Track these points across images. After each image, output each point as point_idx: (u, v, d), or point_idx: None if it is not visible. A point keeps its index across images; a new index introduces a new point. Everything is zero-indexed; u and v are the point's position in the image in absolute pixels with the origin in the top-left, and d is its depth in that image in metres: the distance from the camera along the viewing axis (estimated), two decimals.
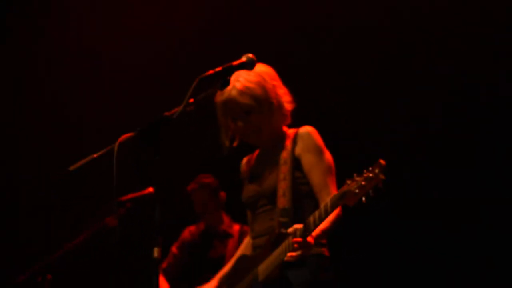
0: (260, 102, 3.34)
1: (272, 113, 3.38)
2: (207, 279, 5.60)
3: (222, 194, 5.82)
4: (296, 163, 3.35)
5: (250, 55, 2.97)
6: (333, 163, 3.37)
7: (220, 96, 3.39)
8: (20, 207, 6.40)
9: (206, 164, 6.19)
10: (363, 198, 2.77)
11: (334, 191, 3.24)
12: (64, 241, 4.76)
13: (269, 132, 3.43)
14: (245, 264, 3.49)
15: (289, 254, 3.09)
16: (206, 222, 5.84)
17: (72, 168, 2.71)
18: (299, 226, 3.07)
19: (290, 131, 3.48)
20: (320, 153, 3.33)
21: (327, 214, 2.97)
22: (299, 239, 3.03)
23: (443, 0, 5.52)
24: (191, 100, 2.71)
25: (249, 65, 2.95)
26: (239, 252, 3.77)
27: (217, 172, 5.89)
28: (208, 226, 5.84)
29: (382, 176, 2.71)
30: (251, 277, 3.36)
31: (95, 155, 2.70)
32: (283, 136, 3.46)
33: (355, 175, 2.82)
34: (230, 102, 3.37)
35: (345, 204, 2.89)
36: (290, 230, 3.10)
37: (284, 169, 3.34)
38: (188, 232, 5.89)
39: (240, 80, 3.35)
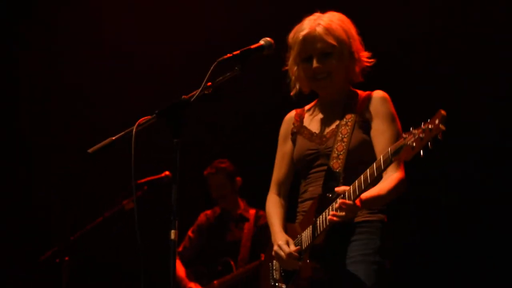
0: (342, 46, 3.13)
1: (350, 61, 3.16)
2: (223, 263, 5.66)
3: (238, 179, 5.83)
4: (364, 126, 3.12)
5: (268, 39, 2.96)
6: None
7: (300, 32, 3.16)
8: (40, 188, 6.44)
9: (222, 149, 6.22)
10: (421, 152, 2.58)
11: (400, 162, 3.02)
12: (81, 223, 4.81)
13: (340, 82, 3.20)
14: (290, 232, 3.22)
15: (332, 213, 2.88)
16: (222, 207, 5.86)
17: (90, 150, 2.70)
18: (347, 187, 2.88)
19: (360, 92, 3.24)
20: (391, 120, 3.11)
21: (379, 171, 2.78)
22: (349, 202, 2.84)
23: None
24: (209, 83, 2.71)
25: (267, 49, 2.94)
26: (275, 211, 3.35)
27: (233, 157, 5.91)
28: (224, 210, 5.86)
29: (442, 127, 2.52)
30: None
31: (113, 138, 2.70)
32: (351, 95, 3.24)
33: (412, 128, 2.65)
34: (313, 39, 3.13)
35: (400, 160, 2.70)
36: (337, 189, 2.91)
37: (344, 130, 3.12)
38: (204, 216, 5.91)
39: (324, 19, 3.15)
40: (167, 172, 4.80)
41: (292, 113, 3.41)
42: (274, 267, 3.26)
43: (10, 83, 6.52)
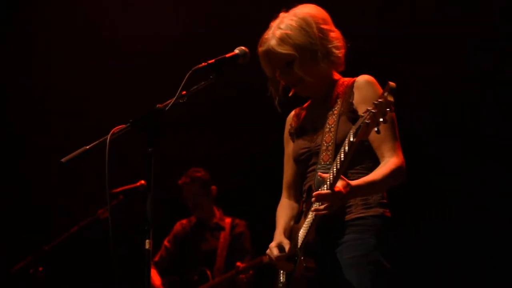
0: (302, 51, 3.00)
1: (316, 62, 3.02)
2: (199, 272, 5.66)
3: (214, 187, 5.84)
4: (351, 116, 2.95)
5: (243, 48, 2.96)
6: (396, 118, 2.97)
7: (259, 47, 3.08)
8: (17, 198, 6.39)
9: (198, 158, 6.22)
10: (376, 128, 2.49)
11: (397, 147, 2.91)
12: (57, 232, 4.78)
13: (316, 82, 3.07)
14: (292, 234, 3.12)
15: (313, 207, 2.76)
16: (198, 216, 5.86)
17: (64, 160, 2.68)
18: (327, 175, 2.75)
19: (345, 80, 3.11)
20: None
21: (347, 156, 2.65)
22: (324, 192, 2.69)
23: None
24: (184, 92, 2.71)
25: (242, 57, 2.95)
26: (281, 214, 3.26)
27: (209, 166, 5.91)
28: (200, 219, 5.86)
29: (391, 98, 2.42)
30: (292, 246, 3.06)
31: (87, 147, 2.68)
32: (336, 84, 3.10)
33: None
34: (270, 54, 3.04)
35: (362, 140, 2.58)
36: (321, 175, 2.77)
37: (331, 121, 3.00)
38: (180, 225, 5.91)
39: (281, 26, 3.03)
40: (142, 181, 4.78)
41: (292, 113, 3.32)
42: (281, 271, 3.18)
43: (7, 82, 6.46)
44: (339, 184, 2.71)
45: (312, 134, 3.12)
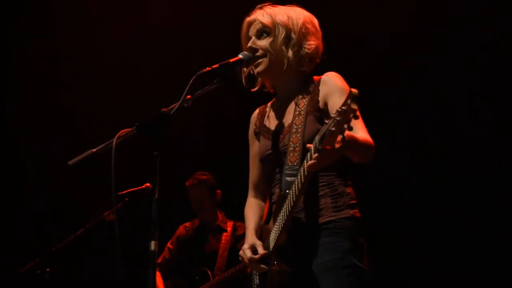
0: (279, 29, 3.08)
1: (286, 46, 3.08)
2: (201, 272, 5.69)
3: (219, 192, 5.87)
4: (318, 116, 2.96)
5: (247, 53, 3.01)
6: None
7: (248, 16, 3.19)
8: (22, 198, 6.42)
9: (203, 161, 6.24)
10: (340, 137, 2.46)
11: (364, 131, 2.85)
12: (63, 234, 4.81)
13: (277, 65, 3.09)
14: (264, 234, 3.14)
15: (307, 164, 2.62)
16: (201, 218, 5.90)
17: (70, 162, 2.71)
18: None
19: (311, 80, 3.13)
20: (345, 93, 2.76)
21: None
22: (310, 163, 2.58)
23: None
24: (189, 96, 2.75)
25: (245, 62, 2.98)
26: (250, 215, 3.29)
27: (214, 170, 5.94)
28: (203, 222, 5.89)
29: (354, 106, 2.37)
30: (265, 248, 3.07)
31: (94, 150, 2.71)
32: (300, 83, 3.14)
33: (332, 112, 2.49)
34: (252, 21, 3.16)
35: (326, 147, 2.52)
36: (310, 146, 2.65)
37: (298, 121, 2.99)
38: (183, 228, 5.95)
39: (274, 8, 3.17)
40: (148, 184, 4.80)
41: (255, 112, 3.37)
42: (254, 272, 3.21)
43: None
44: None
45: (278, 134, 3.12)
